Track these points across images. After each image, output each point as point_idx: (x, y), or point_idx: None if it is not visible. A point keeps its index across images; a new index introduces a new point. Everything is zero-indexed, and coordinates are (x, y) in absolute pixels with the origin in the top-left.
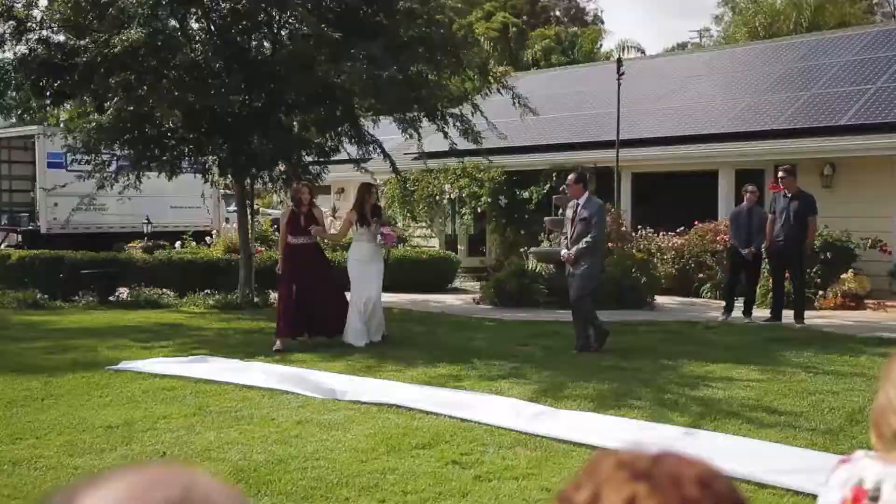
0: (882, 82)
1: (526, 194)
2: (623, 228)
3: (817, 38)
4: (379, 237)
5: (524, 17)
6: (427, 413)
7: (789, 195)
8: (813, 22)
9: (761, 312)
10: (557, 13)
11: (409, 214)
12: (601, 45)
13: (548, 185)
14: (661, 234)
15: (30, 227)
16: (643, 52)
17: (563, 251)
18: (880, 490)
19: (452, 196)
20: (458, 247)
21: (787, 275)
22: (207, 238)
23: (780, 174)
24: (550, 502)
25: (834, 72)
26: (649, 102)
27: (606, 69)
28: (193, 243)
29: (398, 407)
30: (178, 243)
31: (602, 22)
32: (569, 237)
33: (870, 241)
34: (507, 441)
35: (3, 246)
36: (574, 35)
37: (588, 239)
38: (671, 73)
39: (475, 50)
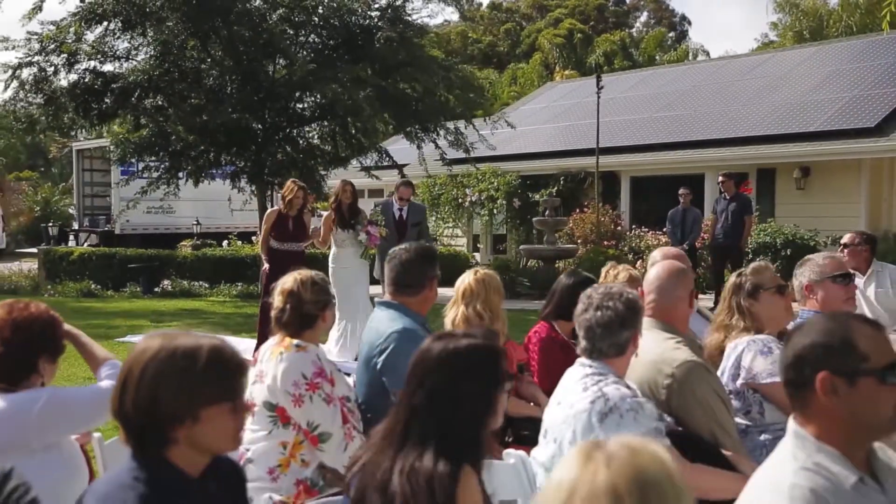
0: (858, 91)
1: (537, 197)
2: (619, 228)
3: (816, 48)
4: (363, 235)
5: (591, 23)
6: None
7: (728, 197)
8: (862, 24)
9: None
10: (643, 16)
11: (436, 215)
12: (686, 45)
13: (556, 188)
14: (650, 232)
15: (106, 229)
16: (708, 54)
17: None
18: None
19: (473, 199)
20: (478, 245)
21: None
22: (253, 237)
23: (720, 178)
24: None
25: (815, 81)
26: (653, 111)
27: (624, 79)
28: (239, 242)
29: None
30: (225, 242)
31: (689, 24)
32: (404, 239)
33: (830, 238)
34: None
35: (85, 244)
36: (640, 39)
37: (431, 241)
38: (679, 82)
39: (460, 71)
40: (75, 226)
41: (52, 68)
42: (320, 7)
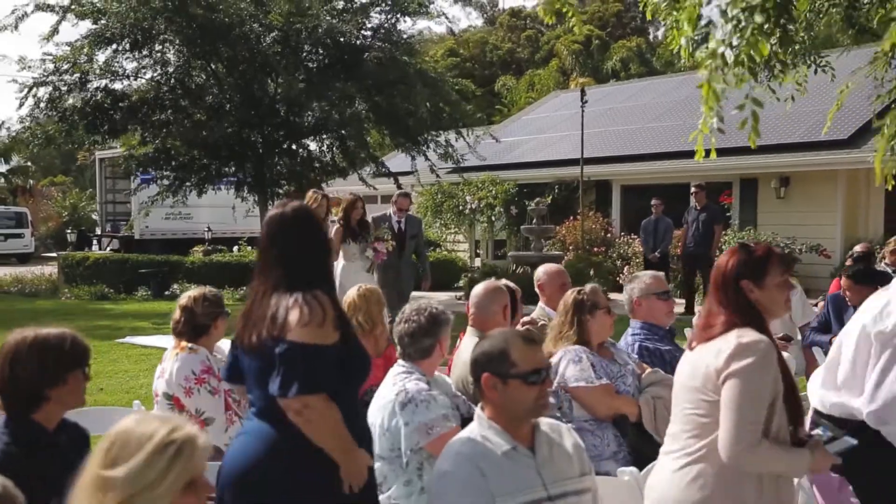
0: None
1: (532, 204)
2: (609, 235)
3: None
4: (370, 251)
5: (609, 29)
6: None
7: (699, 207)
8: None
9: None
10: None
11: (440, 222)
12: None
13: (550, 197)
14: (638, 240)
15: (126, 234)
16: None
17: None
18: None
19: (473, 206)
20: (478, 251)
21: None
22: None
23: (693, 189)
24: None
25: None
26: (645, 121)
27: (623, 89)
28: (249, 248)
29: None
30: (235, 248)
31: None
32: (404, 251)
33: (805, 245)
34: None
35: (108, 249)
36: (658, 45)
37: (426, 253)
38: (674, 93)
39: (456, 84)
40: (98, 231)
41: (66, 87)
42: (318, 29)
